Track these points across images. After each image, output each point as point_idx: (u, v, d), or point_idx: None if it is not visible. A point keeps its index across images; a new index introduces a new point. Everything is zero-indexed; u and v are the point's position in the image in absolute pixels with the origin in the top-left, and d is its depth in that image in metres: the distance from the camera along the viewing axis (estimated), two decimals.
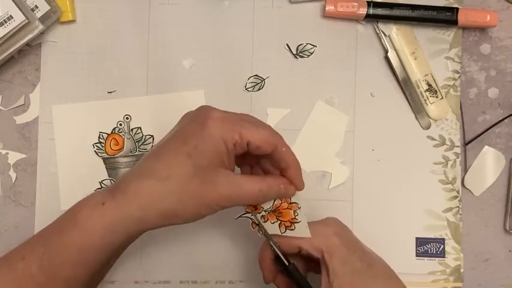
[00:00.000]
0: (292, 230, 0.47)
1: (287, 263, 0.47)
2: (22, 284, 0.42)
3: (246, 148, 0.44)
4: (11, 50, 0.55)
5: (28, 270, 0.42)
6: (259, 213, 0.48)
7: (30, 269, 0.42)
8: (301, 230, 0.47)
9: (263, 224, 0.48)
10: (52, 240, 0.43)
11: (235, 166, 0.47)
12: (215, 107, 0.45)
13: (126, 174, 0.45)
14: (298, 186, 0.47)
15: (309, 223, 0.48)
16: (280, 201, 0.47)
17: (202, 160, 0.42)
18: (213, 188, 0.42)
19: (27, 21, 0.54)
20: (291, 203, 0.48)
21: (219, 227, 0.58)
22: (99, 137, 0.58)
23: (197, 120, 0.44)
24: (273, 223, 0.48)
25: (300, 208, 0.48)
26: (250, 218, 0.48)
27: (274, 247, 0.48)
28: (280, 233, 0.48)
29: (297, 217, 0.47)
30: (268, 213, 0.48)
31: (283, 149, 0.45)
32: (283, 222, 0.48)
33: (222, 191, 0.42)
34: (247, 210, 0.48)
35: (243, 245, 0.58)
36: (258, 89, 0.59)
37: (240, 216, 0.48)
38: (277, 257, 0.48)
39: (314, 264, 0.48)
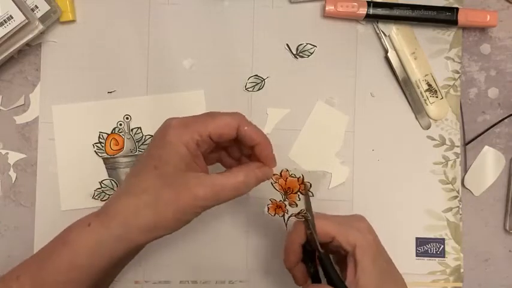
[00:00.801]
0: (310, 187, 0.49)
1: (321, 250, 0.47)
2: None
3: (212, 142, 0.45)
4: (11, 50, 0.55)
5: None
6: (285, 206, 0.48)
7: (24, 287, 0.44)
8: (303, 202, 0.48)
9: (296, 209, 0.48)
10: (44, 259, 0.44)
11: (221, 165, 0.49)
12: (177, 117, 0.46)
13: (112, 195, 0.46)
14: (271, 163, 0.47)
15: (340, 216, 0.48)
16: (276, 182, 0.48)
17: (168, 168, 0.43)
18: (186, 192, 0.42)
19: (27, 21, 0.54)
20: (281, 175, 0.48)
21: (219, 227, 0.58)
22: (99, 137, 0.58)
23: (159, 133, 0.45)
24: (299, 199, 0.49)
25: (288, 170, 0.48)
26: (300, 215, 0.48)
27: (313, 232, 0.47)
28: (312, 196, 0.49)
29: (298, 177, 0.48)
30: (287, 197, 0.48)
31: (245, 127, 0.45)
32: (300, 191, 0.49)
33: (196, 193, 0.42)
34: (277, 213, 0.49)
35: (243, 245, 0.58)
36: (258, 89, 0.59)
37: (286, 223, 0.49)
38: (307, 243, 0.48)
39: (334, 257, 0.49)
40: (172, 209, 0.42)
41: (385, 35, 0.60)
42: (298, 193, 0.49)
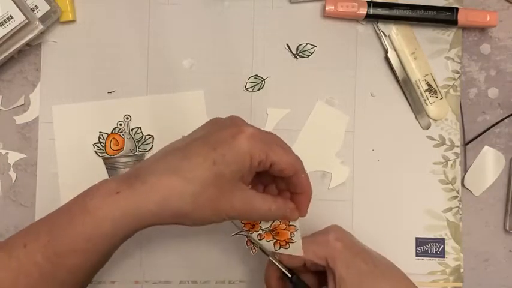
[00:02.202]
0: (287, 248, 0.48)
1: (290, 275, 0.48)
2: (27, 273, 0.41)
3: (268, 168, 0.45)
4: (11, 50, 0.55)
5: (32, 258, 0.41)
6: (256, 231, 0.48)
7: (34, 257, 0.41)
8: (295, 249, 0.48)
9: (259, 241, 0.49)
10: (59, 228, 0.42)
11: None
12: (246, 122, 0.46)
13: (144, 165, 0.44)
14: (303, 213, 0.48)
15: (309, 235, 0.49)
16: (279, 222, 0.48)
17: (226, 170, 0.42)
18: (228, 199, 0.43)
19: (27, 21, 0.54)
20: (289, 225, 0.48)
21: (219, 227, 0.58)
22: (99, 137, 0.58)
23: (229, 130, 0.44)
24: (268, 241, 0.49)
25: (297, 230, 0.48)
26: (246, 236, 0.49)
27: (274, 261, 0.48)
28: (273, 250, 0.48)
29: (292, 238, 0.48)
30: (265, 232, 0.48)
31: (303, 175, 0.46)
32: (278, 241, 0.48)
33: (235, 204, 0.43)
34: (244, 228, 0.49)
35: (243, 245, 0.58)
36: (258, 89, 0.59)
37: (236, 234, 0.49)
38: (283, 273, 0.49)
39: (325, 277, 0.49)
40: (209, 208, 0.42)
41: (385, 35, 0.60)
42: (275, 240, 0.49)
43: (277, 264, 0.48)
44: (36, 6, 0.55)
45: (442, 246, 0.59)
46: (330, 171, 0.59)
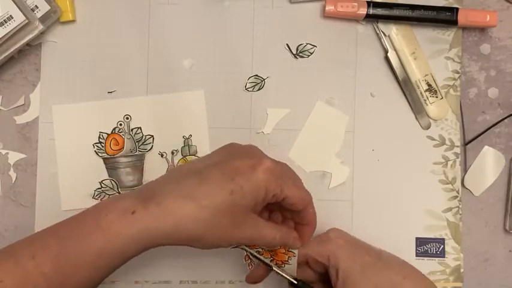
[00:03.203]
0: (282, 267, 0.50)
1: (295, 282, 0.49)
2: (34, 283, 0.41)
3: (280, 201, 0.46)
4: (11, 50, 0.55)
5: (40, 269, 0.41)
6: (256, 249, 0.50)
7: (43, 269, 0.41)
8: (290, 271, 0.49)
9: (260, 256, 0.50)
10: (70, 240, 0.42)
11: None
12: (263, 152, 0.47)
13: (159, 186, 0.44)
14: (304, 242, 0.49)
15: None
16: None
17: (242, 201, 0.43)
18: (240, 228, 0.44)
19: (27, 21, 0.54)
20: (288, 251, 0.50)
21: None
22: (99, 137, 0.58)
23: (247, 161, 0.44)
24: (266, 258, 0.50)
25: (295, 256, 0.49)
26: (246, 250, 0.50)
27: (278, 271, 0.49)
28: (268, 268, 0.50)
29: (289, 261, 0.50)
30: (265, 251, 0.50)
31: (311, 210, 0.48)
32: (275, 260, 0.50)
33: (246, 232, 0.44)
34: (248, 263, 0.51)
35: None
36: (258, 89, 0.59)
37: (236, 247, 0.49)
38: (289, 283, 0.49)
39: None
40: (221, 236, 0.43)
41: (385, 35, 0.60)
42: (272, 259, 0.51)
43: (281, 273, 0.49)
44: (36, 6, 0.55)
45: (442, 246, 0.59)
46: (330, 171, 0.59)
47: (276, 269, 0.49)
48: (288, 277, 0.49)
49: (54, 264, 0.41)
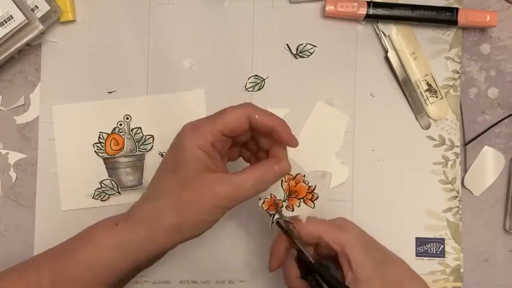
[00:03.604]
0: (317, 198, 0.48)
1: (312, 261, 0.48)
2: None
3: (227, 138, 0.45)
4: (11, 50, 0.55)
5: (40, 281, 0.44)
6: (282, 207, 0.48)
7: (42, 280, 0.44)
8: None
9: (291, 213, 0.48)
10: (66, 254, 0.45)
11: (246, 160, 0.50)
12: (191, 121, 0.46)
13: (136, 201, 0.47)
14: (290, 142, 0.46)
15: (323, 219, 0.49)
16: (286, 183, 0.48)
17: (187, 172, 0.44)
18: (206, 192, 0.43)
19: (27, 21, 0.54)
20: (294, 177, 0.48)
21: (219, 227, 0.58)
22: (99, 137, 0.58)
23: (175, 139, 0.46)
24: (299, 206, 0.48)
25: (304, 176, 0.48)
26: (281, 220, 0.48)
27: (301, 247, 0.48)
28: (312, 208, 0.48)
29: (309, 185, 0.48)
30: (288, 200, 0.48)
31: (256, 116, 0.45)
32: (305, 198, 0.48)
33: (216, 192, 0.43)
34: (269, 211, 0.48)
35: (244, 245, 0.58)
36: (258, 89, 0.59)
37: (272, 223, 0.48)
38: (299, 259, 0.49)
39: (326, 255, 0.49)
40: (194, 210, 0.43)
41: (385, 35, 0.60)
42: (302, 200, 0.49)
43: (302, 250, 0.48)
44: (36, 6, 0.55)
45: (442, 246, 0.59)
46: (330, 171, 0.59)
47: (299, 245, 0.48)
48: (309, 256, 0.48)
49: (52, 277, 0.44)
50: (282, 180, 0.49)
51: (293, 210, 0.48)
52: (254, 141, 0.48)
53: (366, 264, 0.46)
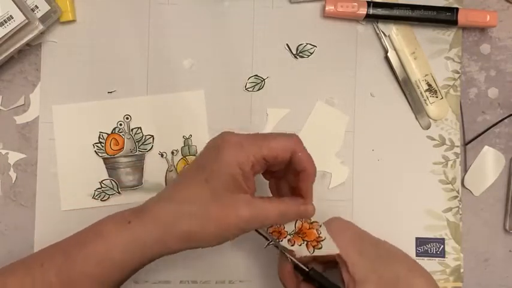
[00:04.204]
0: (320, 248, 0.48)
1: (307, 269, 0.49)
2: None
3: (266, 165, 0.45)
4: (11, 50, 0.55)
5: (47, 277, 0.43)
6: (285, 237, 0.48)
7: (49, 277, 0.43)
8: (329, 247, 0.48)
9: (291, 247, 0.48)
10: (73, 249, 0.44)
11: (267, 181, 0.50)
12: (234, 132, 0.46)
13: (151, 199, 0.46)
14: (307, 196, 0.47)
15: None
16: (301, 223, 0.48)
17: (219, 185, 0.43)
18: (233, 211, 0.43)
19: (27, 21, 0.54)
20: (311, 223, 0.49)
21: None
22: (99, 137, 0.58)
23: (214, 146, 0.45)
24: (300, 245, 0.49)
25: (321, 226, 0.49)
26: (276, 246, 0.49)
27: (292, 258, 0.49)
28: (309, 254, 0.48)
29: (320, 235, 0.48)
30: (293, 236, 0.48)
31: (300, 153, 0.45)
32: (309, 243, 0.48)
33: (241, 214, 0.43)
34: (272, 236, 0.49)
35: (244, 245, 0.58)
36: (258, 89, 0.59)
37: (268, 245, 0.49)
38: (295, 266, 0.49)
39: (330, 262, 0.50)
40: (216, 225, 0.43)
41: (385, 35, 0.60)
42: (305, 243, 0.49)
43: (293, 260, 0.48)
44: (36, 6, 0.55)
45: (442, 246, 0.59)
46: (330, 171, 0.59)
47: (288, 256, 0.48)
48: (301, 265, 0.48)
49: (59, 272, 0.43)
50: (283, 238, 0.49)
51: (293, 245, 0.49)
52: (283, 171, 0.48)
53: (362, 264, 0.46)
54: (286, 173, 0.48)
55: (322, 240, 0.48)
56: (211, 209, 0.43)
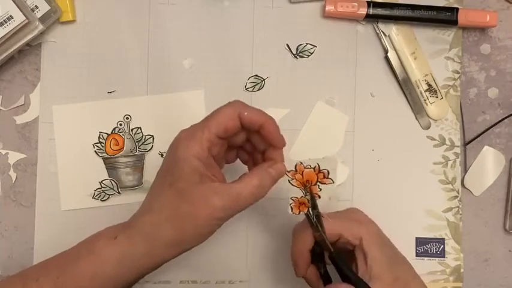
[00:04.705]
0: (329, 173, 0.47)
1: (332, 250, 0.48)
2: None
3: (222, 140, 0.45)
4: (11, 50, 0.55)
5: None
6: (315, 197, 0.47)
7: None
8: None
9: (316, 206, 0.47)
10: (67, 265, 0.45)
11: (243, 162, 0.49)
12: (186, 128, 0.45)
13: (135, 213, 0.47)
14: (277, 141, 0.46)
15: (338, 212, 0.49)
16: (292, 179, 0.47)
17: (183, 184, 0.43)
18: (204, 204, 0.42)
19: (27, 21, 0.54)
20: (296, 170, 0.47)
21: (220, 227, 0.58)
22: (99, 137, 0.58)
23: (171, 148, 0.45)
24: (321, 189, 0.48)
25: (302, 162, 0.47)
26: (310, 214, 0.47)
27: (323, 234, 0.47)
28: (333, 183, 0.47)
29: (313, 167, 0.47)
30: (308, 188, 0.47)
31: (246, 113, 0.44)
32: (320, 180, 0.47)
33: (214, 204, 0.42)
34: (301, 210, 0.48)
35: (244, 245, 0.58)
36: (258, 89, 0.59)
37: (314, 219, 0.48)
38: (313, 247, 0.48)
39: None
40: (193, 223, 0.43)
41: (385, 35, 0.60)
42: (318, 183, 0.48)
43: (324, 236, 0.47)
44: (36, 6, 0.55)
45: (442, 246, 0.59)
46: None
47: (317, 235, 0.47)
48: (329, 244, 0.47)
49: (55, 287, 0.44)
50: (288, 179, 0.48)
51: (319, 197, 0.48)
52: (250, 143, 0.48)
53: (381, 260, 0.46)
54: (256, 142, 0.47)
55: (320, 167, 0.47)
56: (182, 209, 0.43)
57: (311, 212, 0.48)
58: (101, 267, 0.43)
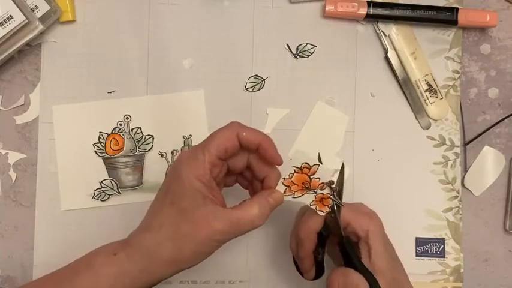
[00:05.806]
0: (318, 164, 0.47)
1: (343, 235, 0.48)
2: None
3: (222, 163, 0.46)
4: (11, 50, 0.55)
5: None
6: (334, 191, 0.47)
7: None
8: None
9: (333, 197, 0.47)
10: (65, 279, 0.45)
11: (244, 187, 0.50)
12: (187, 150, 0.46)
13: (134, 230, 0.47)
14: (275, 159, 0.46)
15: (346, 204, 0.48)
16: (294, 193, 0.47)
17: (185, 203, 0.43)
18: (204, 226, 0.43)
19: (27, 21, 0.54)
20: (295, 171, 0.47)
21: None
22: (99, 137, 0.58)
23: (173, 168, 0.46)
24: (324, 188, 0.47)
25: (284, 177, 0.47)
26: (334, 201, 0.47)
27: (338, 217, 0.47)
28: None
29: (309, 175, 0.47)
30: (311, 184, 0.47)
31: (244, 133, 0.45)
32: (322, 183, 0.47)
33: (214, 227, 0.43)
34: (326, 204, 0.47)
35: (244, 245, 0.58)
36: (258, 89, 0.59)
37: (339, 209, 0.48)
38: (320, 231, 0.48)
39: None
40: (192, 243, 0.43)
41: (385, 35, 0.60)
42: (313, 177, 0.47)
43: (338, 219, 0.47)
44: (36, 6, 0.55)
45: (442, 246, 0.59)
46: None
47: (331, 218, 0.47)
48: (342, 229, 0.47)
49: None
50: (293, 196, 0.48)
51: (323, 186, 0.47)
52: (249, 170, 0.48)
53: (385, 256, 0.47)
54: (255, 169, 0.48)
55: (315, 169, 0.47)
56: (183, 229, 0.43)
57: (334, 194, 0.47)
58: (98, 283, 0.44)
